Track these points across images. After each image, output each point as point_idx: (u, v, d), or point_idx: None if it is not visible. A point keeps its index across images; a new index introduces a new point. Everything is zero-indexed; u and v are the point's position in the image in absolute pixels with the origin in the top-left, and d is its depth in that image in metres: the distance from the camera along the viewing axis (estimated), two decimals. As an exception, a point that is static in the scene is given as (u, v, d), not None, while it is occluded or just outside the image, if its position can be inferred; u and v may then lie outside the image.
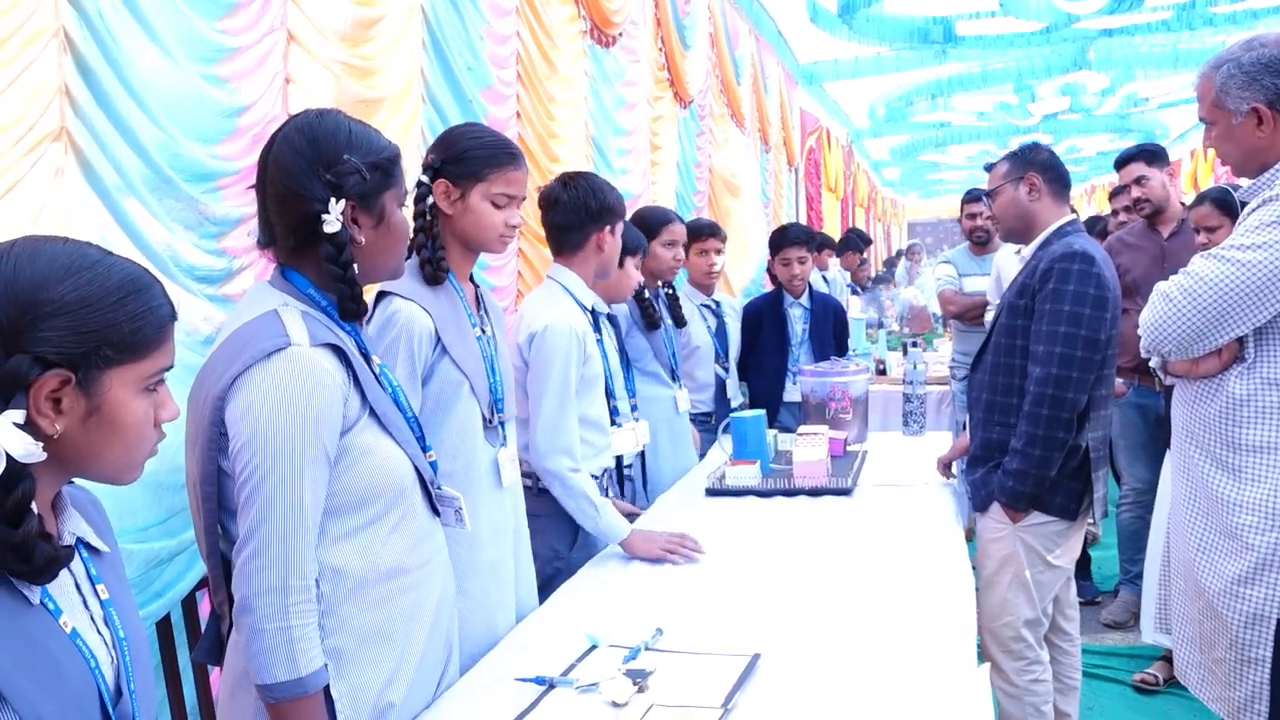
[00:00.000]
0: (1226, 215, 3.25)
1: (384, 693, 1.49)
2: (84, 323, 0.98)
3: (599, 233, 2.53)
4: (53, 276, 0.97)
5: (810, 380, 3.58)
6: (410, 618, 1.54)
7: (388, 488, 1.50)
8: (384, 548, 1.50)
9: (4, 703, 0.91)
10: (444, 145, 2.01)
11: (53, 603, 1.01)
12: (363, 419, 1.47)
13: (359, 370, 1.48)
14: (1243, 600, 1.99)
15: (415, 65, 3.02)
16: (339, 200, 1.45)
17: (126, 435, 1.02)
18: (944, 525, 2.60)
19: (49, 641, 0.98)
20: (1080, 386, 2.40)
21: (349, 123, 1.51)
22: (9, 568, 0.95)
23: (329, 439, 1.41)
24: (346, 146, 1.47)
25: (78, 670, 1.00)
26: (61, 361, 0.96)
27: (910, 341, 4.21)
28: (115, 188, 1.90)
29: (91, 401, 0.99)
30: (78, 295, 0.98)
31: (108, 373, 1.00)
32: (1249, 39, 2.05)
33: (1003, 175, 2.64)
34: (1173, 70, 9.73)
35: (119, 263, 1.04)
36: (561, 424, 2.36)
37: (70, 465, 1.02)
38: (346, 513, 1.46)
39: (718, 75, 6.81)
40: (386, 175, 1.51)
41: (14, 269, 0.97)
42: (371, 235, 1.51)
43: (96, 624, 1.06)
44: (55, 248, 1.00)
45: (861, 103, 12.11)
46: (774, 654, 1.77)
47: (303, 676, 1.36)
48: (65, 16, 1.81)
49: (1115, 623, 4.08)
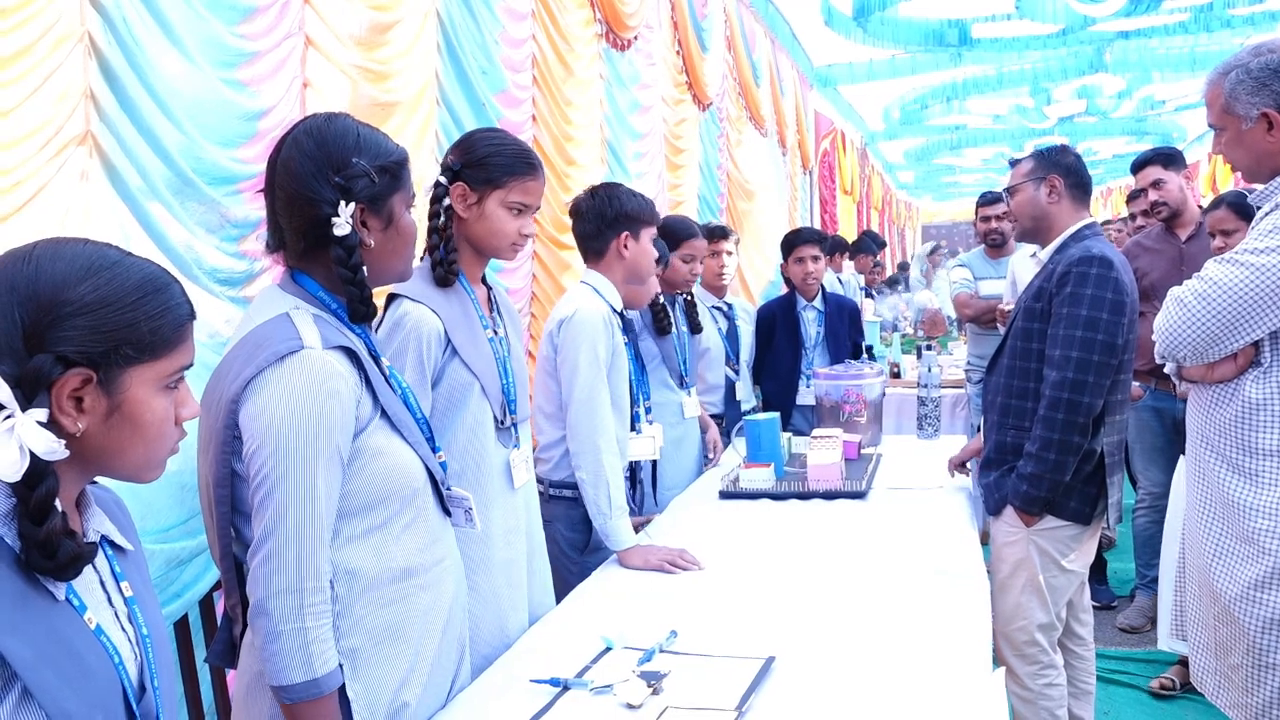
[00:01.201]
0: (1243, 219, 3.23)
1: (399, 692, 1.50)
2: (104, 322, 0.99)
3: (617, 239, 2.56)
4: (74, 277, 0.99)
5: (825, 383, 3.58)
6: (424, 617, 1.55)
7: (400, 488, 1.50)
8: (397, 548, 1.51)
9: (29, 697, 0.93)
10: (464, 149, 2.01)
11: (77, 599, 1.02)
12: (374, 420, 1.48)
13: (370, 372, 1.48)
14: (1260, 605, 1.99)
15: (430, 69, 3.04)
16: (349, 203, 1.46)
17: (147, 433, 1.04)
18: (959, 529, 2.60)
19: (74, 637, 0.99)
20: (1096, 391, 2.39)
21: (357, 126, 1.52)
22: (34, 564, 0.96)
23: (342, 441, 1.42)
24: (355, 150, 1.48)
25: (102, 666, 1.02)
26: (83, 360, 0.98)
27: (925, 344, 4.20)
28: (139, 190, 1.92)
29: (113, 400, 1.01)
30: (98, 295, 0.99)
31: (128, 371, 1.01)
32: (1256, 45, 2.05)
33: (1025, 173, 2.63)
34: (1190, 73, 9.68)
35: (138, 263, 1.05)
36: (596, 404, 2.39)
37: (92, 464, 1.03)
38: (359, 514, 1.47)
39: (735, 78, 6.81)
40: (395, 178, 1.52)
41: (35, 270, 0.98)
42: (380, 238, 1.52)
43: (120, 621, 1.08)
44: (76, 248, 1.02)
45: (876, 105, 12.09)
46: (789, 657, 1.77)
47: (318, 677, 1.37)
48: (90, 20, 1.83)
49: (1131, 628, 4.06)
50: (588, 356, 2.40)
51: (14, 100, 1.70)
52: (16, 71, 1.70)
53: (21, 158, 1.71)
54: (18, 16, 1.70)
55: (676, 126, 5.55)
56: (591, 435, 2.37)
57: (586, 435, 2.37)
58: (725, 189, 6.63)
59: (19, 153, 1.71)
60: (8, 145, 1.70)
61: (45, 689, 0.93)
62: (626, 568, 2.35)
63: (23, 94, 1.71)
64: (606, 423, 2.40)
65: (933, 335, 6.86)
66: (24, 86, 1.71)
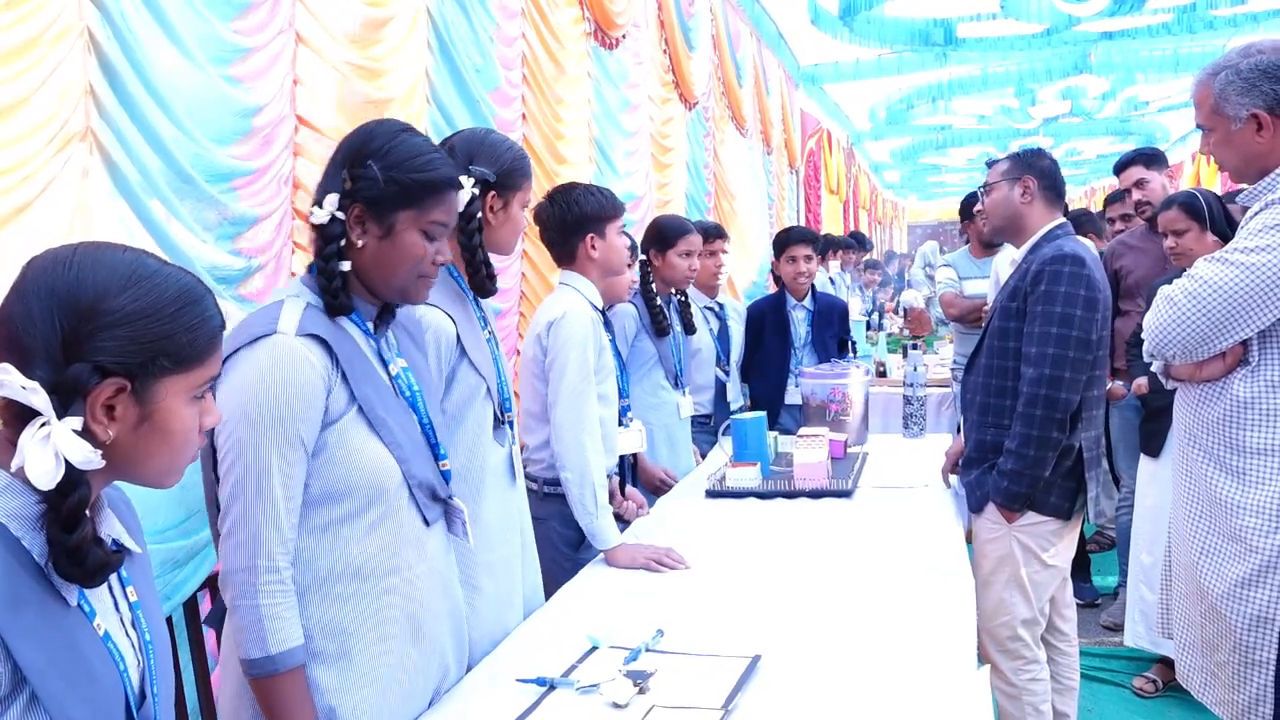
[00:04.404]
0: (1194, 219, 3.28)
1: (327, 697, 1.47)
2: (143, 333, 0.99)
3: (583, 242, 2.58)
4: (115, 286, 0.99)
5: (810, 382, 3.59)
6: (375, 623, 1.52)
7: (362, 486, 1.49)
8: (356, 547, 1.50)
9: (36, 703, 0.92)
10: (489, 158, 2.00)
11: (88, 605, 1.02)
12: (347, 416, 1.48)
13: (349, 367, 1.48)
14: (1247, 603, 2.00)
15: (421, 66, 3.03)
16: (342, 197, 1.49)
17: (174, 441, 1.04)
18: (944, 527, 2.62)
19: (84, 643, 0.99)
20: (1072, 387, 2.43)
21: (403, 135, 1.53)
22: (62, 571, 0.96)
23: (305, 427, 1.43)
24: (378, 153, 1.50)
25: (108, 673, 1.02)
26: (119, 370, 0.98)
27: (910, 344, 4.22)
28: (139, 187, 1.92)
29: (144, 409, 1.01)
30: (138, 306, 0.99)
31: (161, 381, 1.01)
32: (1245, 46, 2.07)
33: (1001, 173, 2.68)
34: (1173, 74, 9.74)
35: (175, 273, 1.05)
36: (582, 404, 2.40)
37: (116, 470, 1.03)
38: (318, 505, 1.48)
39: (719, 77, 6.81)
40: (410, 195, 1.51)
41: (77, 277, 0.98)
42: (373, 244, 1.52)
43: (125, 626, 1.08)
44: (116, 256, 1.02)
45: (862, 105, 12.13)
46: (774, 655, 1.78)
47: (272, 655, 1.39)
48: (88, 15, 1.83)
49: (1115, 625, 4.09)
50: (577, 358, 2.41)
51: (16, 96, 1.70)
52: (18, 68, 1.70)
53: (25, 154, 1.71)
54: (18, 11, 1.69)
55: (664, 126, 5.56)
56: (577, 435, 2.38)
57: (572, 435, 2.38)
58: (713, 188, 6.64)
59: (22, 149, 1.71)
60: (11, 142, 1.70)
61: (53, 696, 0.93)
62: (613, 566, 2.36)
63: (25, 90, 1.71)
64: (592, 423, 2.41)
65: (918, 334, 6.89)
66: (26, 82, 1.71)
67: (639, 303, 3.28)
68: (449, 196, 1.57)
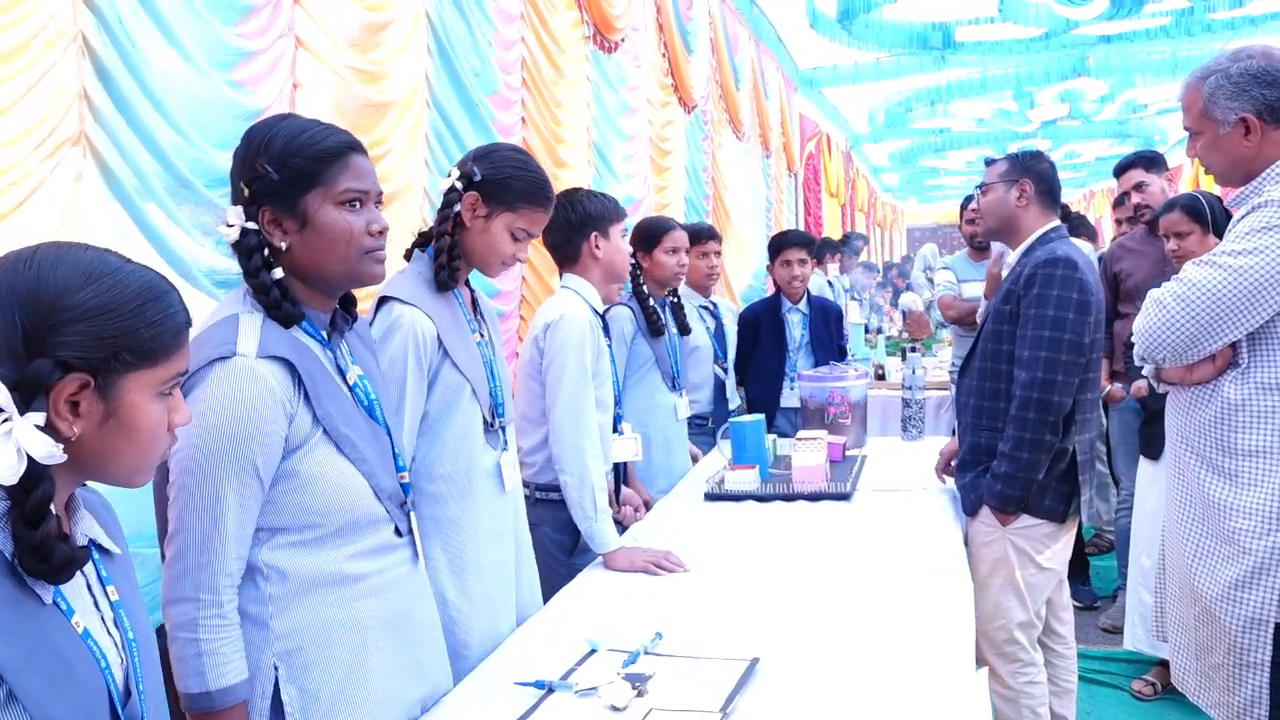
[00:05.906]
0: (1196, 221, 3.29)
1: (343, 689, 1.47)
2: (104, 328, 0.99)
3: (587, 242, 2.58)
4: (75, 282, 0.99)
5: (809, 385, 3.59)
6: (367, 625, 1.52)
7: (333, 508, 1.47)
8: (336, 554, 1.48)
9: (14, 701, 0.93)
10: (490, 162, 1.98)
11: (65, 603, 1.02)
12: (313, 440, 1.44)
13: (312, 388, 1.44)
14: (1241, 605, 2.00)
15: (421, 70, 3.04)
16: (246, 207, 1.44)
17: (140, 438, 1.04)
18: (942, 530, 2.62)
19: (61, 641, 0.99)
20: (1065, 390, 2.44)
21: (277, 123, 1.46)
22: (28, 567, 0.96)
23: (262, 456, 1.38)
24: (261, 151, 1.43)
25: (89, 670, 1.01)
26: (82, 366, 0.98)
27: (909, 346, 4.22)
28: (135, 191, 1.92)
29: (109, 405, 1.01)
30: (99, 301, 1.00)
31: (125, 377, 1.01)
32: (1235, 50, 2.08)
33: (998, 174, 2.68)
34: (1171, 77, 9.77)
35: (138, 270, 1.05)
36: (581, 407, 2.39)
37: (85, 468, 1.04)
38: (292, 528, 1.45)
39: (717, 81, 6.82)
40: (307, 175, 1.44)
41: (37, 274, 0.98)
42: (297, 240, 1.45)
43: (107, 625, 1.08)
44: (77, 254, 1.02)
45: (861, 108, 12.15)
46: (773, 658, 1.78)
47: (210, 691, 1.36)
48: (83, 20, 1.83)
49: (1113, 628, 4.09)
50: (575, 360, 2.41)
51: (6, 101, 1.70)
52: (8, 72, 1.70)
53: (15, 159, 1.71)
54: (9, 16, 1.70)
55: (663, 129, 5.57)
56: (576, 439, 2.38)
57: (571, 439, 2.38)
58: (711, 191, 6.65)
59: (12, 154, 1.71)
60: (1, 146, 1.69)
61: (31, 694, 0.93)
62: (612, 570, 2.36)
63: (15, 95, 1.71)
64: (590, 426, 2.41)
65: (917, 337, 6.89)
66: (16, 87, 1.71)
67: (634, 305, 3.29)
68: (352, 160, 1.47)
